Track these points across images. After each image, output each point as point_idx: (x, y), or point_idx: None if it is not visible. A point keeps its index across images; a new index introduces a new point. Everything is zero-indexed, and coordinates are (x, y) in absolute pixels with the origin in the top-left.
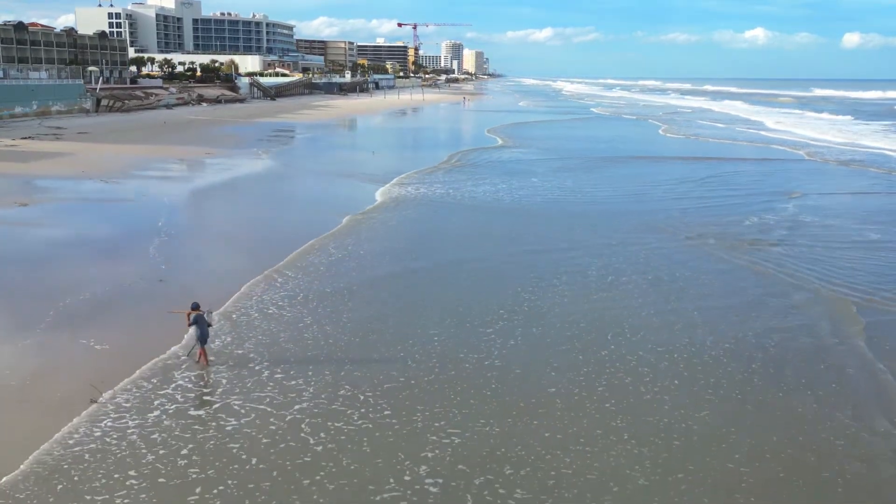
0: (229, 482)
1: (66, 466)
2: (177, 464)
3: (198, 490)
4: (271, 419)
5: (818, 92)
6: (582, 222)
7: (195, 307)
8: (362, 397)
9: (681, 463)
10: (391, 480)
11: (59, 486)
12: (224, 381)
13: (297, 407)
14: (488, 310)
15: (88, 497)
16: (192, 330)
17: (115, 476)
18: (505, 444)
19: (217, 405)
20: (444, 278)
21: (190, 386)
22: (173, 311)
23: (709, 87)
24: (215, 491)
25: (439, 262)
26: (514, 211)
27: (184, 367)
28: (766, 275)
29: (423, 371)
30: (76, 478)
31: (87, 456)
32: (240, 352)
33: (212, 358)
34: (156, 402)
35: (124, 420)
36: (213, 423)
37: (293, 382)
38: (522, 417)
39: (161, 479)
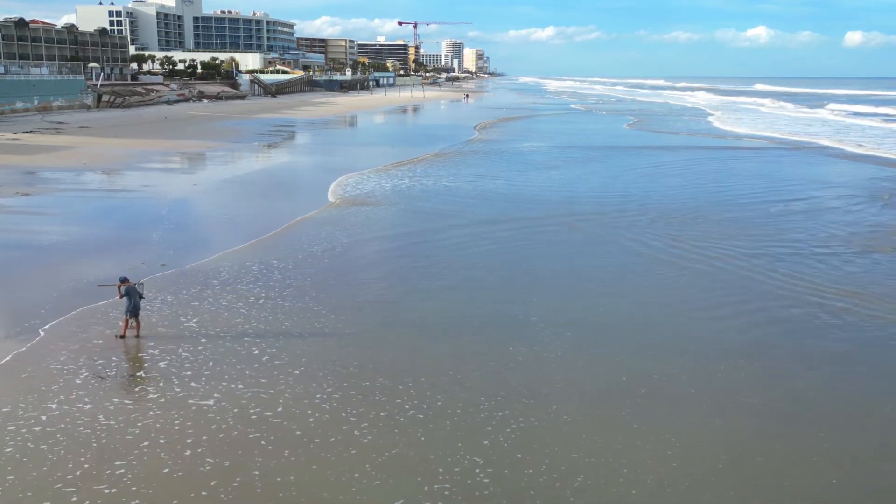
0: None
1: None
2: (183, 454)
3: (213, 483)
4: (309, 410)
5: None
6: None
7: (123, 280)
8: (401, 387)
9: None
10: (440, 470)
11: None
12: (212, 363)
13: (319, 395)
14: (514, 289)
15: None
16: (125, 301)
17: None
18: (584, 432)
19: (207, 387)
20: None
21: (179, 371)
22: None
23: (684, 84)
24: (235, 483)
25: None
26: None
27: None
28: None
29: (473, 366)
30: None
31: (59, 436)
32: (230, 335)
33: (172, 332)
34: (149, 387)
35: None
36: (222, 407)
37: (301, 370)
38: (604, 407)
39: (165, 471)
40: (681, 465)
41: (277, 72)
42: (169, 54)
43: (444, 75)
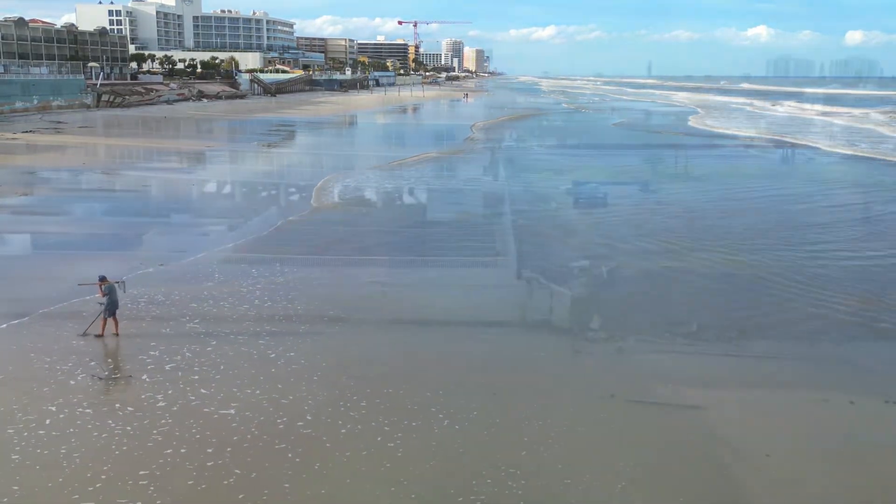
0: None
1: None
2: (206, 464)
3: (241, 496)
4: (340, 420)
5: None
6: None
7: (102, 279)
8: (429, 394)
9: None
10: (473, 482)
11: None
12: (221, 366)
13: (343, 404)
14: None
15: None
16: (105, 300)
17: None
18: (633, 443)
19: (221, 396)
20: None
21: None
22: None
23: (672, 83)
24: (264, 497)
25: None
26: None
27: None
28: None
29: (502, 370)
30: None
31: (73, 441)
32: (242, 338)
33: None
34: (159, 396)
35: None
36: (245, 417)
37: (314, 377)
38: (650, 415)
39: (189, 482)
40: (731, 473)
41: (277, 71)
42: (169, 54)
43: (444, 74)
